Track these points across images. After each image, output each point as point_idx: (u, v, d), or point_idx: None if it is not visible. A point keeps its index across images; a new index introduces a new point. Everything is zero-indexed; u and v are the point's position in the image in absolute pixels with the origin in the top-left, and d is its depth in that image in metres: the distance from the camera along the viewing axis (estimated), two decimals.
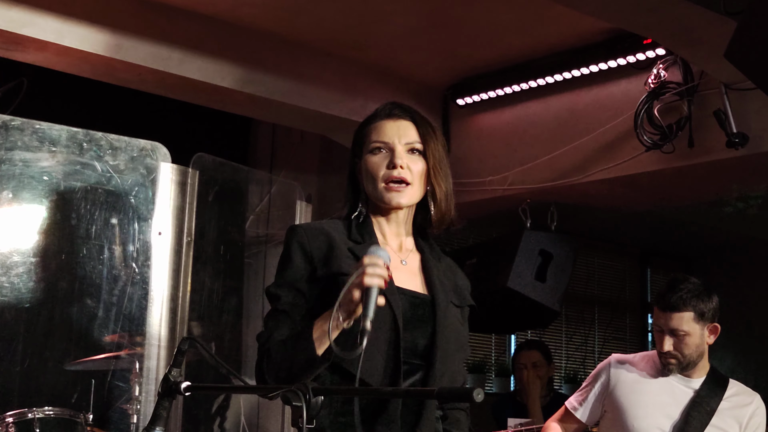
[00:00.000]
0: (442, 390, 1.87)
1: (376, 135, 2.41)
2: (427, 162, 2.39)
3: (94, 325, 4.39)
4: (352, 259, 2.29)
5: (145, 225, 4.47)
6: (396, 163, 2.35)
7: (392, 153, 2.37)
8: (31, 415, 3.94)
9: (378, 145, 2.39)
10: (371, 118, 2.46)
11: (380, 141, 2.39)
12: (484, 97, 5.88)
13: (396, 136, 2.39)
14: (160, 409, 2.03)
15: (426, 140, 2.40)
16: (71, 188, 4.38)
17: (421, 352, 2.30)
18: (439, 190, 2.40)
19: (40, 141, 4.30)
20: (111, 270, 4.41)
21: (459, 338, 2.40)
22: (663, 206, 6.20)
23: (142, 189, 4.48)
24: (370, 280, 2.12)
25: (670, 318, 3.35)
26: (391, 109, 2.45)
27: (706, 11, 4.09)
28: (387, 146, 2.39)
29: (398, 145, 2.38)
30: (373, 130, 2.43)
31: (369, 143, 2.41)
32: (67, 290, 4.38)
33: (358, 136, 2.47)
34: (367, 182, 2.40)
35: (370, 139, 2.41)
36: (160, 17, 4.97)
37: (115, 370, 4.42)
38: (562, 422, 3.65)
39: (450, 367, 2.34)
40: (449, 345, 2.33)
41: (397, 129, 2.40)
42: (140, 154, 4.49)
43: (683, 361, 3.40)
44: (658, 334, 3.41)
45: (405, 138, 2.39)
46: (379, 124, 2.43)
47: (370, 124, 2.45)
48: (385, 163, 2.37)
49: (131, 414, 4.25)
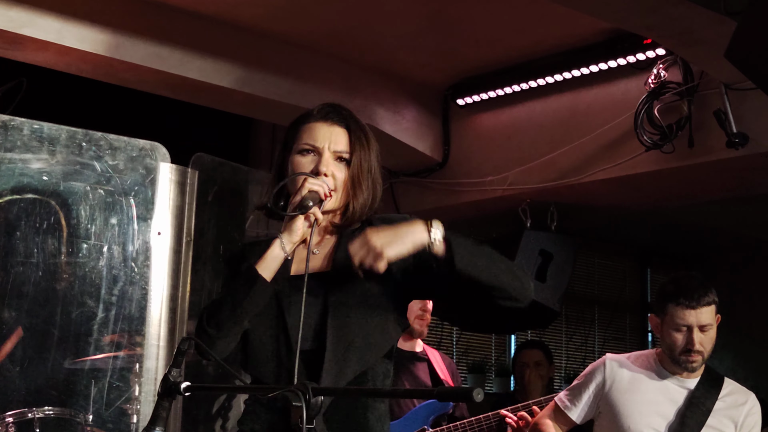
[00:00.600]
0: (442, 390, 1.87)
1: (308, 136, 2.38)
2: (350, 170, 2.37)
3: (93, 325, 4.38)
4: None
5: (144, 225, 4.46)
6: (320, 170, 2.34)
7: (319, 158, 2.35)
8: (31, 415, 3.95)
9: (307, 147, 2.37)
10: (306, 117, 2.43)
11: (310, 144, 2.37)
12: (484, 97, 5.88)
13: (327, 141, 2.37)
14: (159, 409, 2.03)
15: (354, 149, 2.37)
16: (71, 188, 4.37)
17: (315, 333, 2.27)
18: (355, 201, 2.37)
19: (39, 141, 4.29)
20: (110, 270, 4.41)
21: (362, 331, 2.28)
22: (663, 206, 6.20)
23: (142, 189, 4.47)
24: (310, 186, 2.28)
25: (700, 313, 3.31)
26: (328, 111, 2.42)
27: (706, 11, 4.08)
28: (316, 150, 2.36)
29: (327, 151, 2.36)
30: (306, 130, 2.40)
31: (300, 143, 2.38)
32: (67, 290, 4.37)
33: (290, 131, 2.44)
34: (291, 181, 2.37)
35: (301, 139, 2.39)
36: (160, 17, 4.96)
37: (115, 370, 4.41)
38: (554, 420, 3.61)
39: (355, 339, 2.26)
40: (339, 344, 2.25)
41: (329, 134, 2.38)
42: (140, 154, 4.49)
43: (706, 356, 3.38)
44: (677, 333, 3.34)
45: (335, 145, 2.37)
46: (313, 125, 2.40)
47: (304, 123, 2.41)
48: (311, 167, 2.35)
49: (131, 414, 4.24)
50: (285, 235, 2.30)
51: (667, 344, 3.38)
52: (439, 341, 7.29)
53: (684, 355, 3.36)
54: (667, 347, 3.39)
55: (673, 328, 3.36)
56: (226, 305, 2.28)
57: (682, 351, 3.35)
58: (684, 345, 3.34)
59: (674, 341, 3.35)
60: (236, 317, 2.27)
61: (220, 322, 2.26)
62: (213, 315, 2.28)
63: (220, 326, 2.26)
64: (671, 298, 3.35)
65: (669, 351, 3.39)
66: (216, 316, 2.27)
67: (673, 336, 3.36)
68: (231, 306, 2.27)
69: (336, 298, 2.29)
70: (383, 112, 5.83)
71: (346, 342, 2.26)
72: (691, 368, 3.39)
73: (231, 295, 2.29)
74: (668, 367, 3.45)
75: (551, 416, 3.63)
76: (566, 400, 3.58)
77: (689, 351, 3.34)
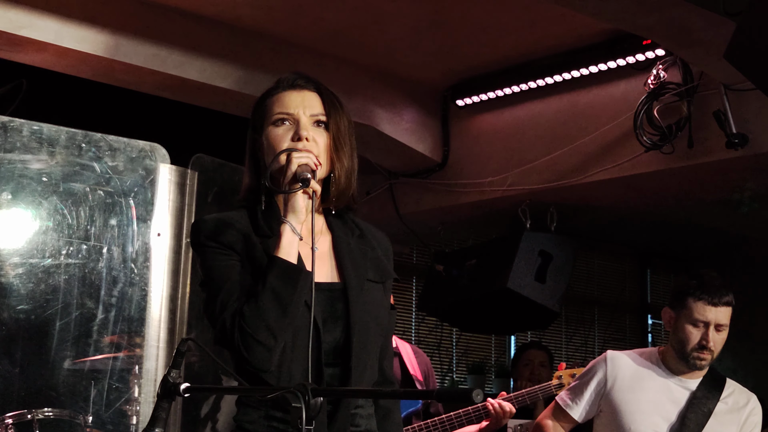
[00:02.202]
0: (441, 391, 1.86)
1: (279, 106, 2.25)
2: (330, 135, 2.25)
3: (93, 326, 4.38)
4: (265, 257, 2.17)
5: (144, 226, 4.46)
6: (301, 135, 2.21)
7: (297, 124, 2.23)
8: (31, 416, 3.94)
9: (281, 116, 2.24)
10: (272, 90, 2.30)
11: (284, 112, 2.24)
12: (484, 98, 5.88)
13: (300, 107, 2.24)
14: (159, 410, 2.03)
15: (329, 112, 2.26)
16: (70, 189, 4.37)
17: (339, 348, 2.18)
18: (339, 166, 2.25)
19: (39, 142, 4.29)
20: (110, 271, 4.40)
21: (379, 321, 2.25)
22: (663, 206, 6.20)
23: (141, 190, 4.47)
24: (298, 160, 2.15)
25: (719, 312, 3.30)
26: (295, 79, 2.29)
27: (706, 12, 4.09)
28: (291, 117, 2.24)
29: (303, 117, 2.23)
30: (275, 101, 2.27)
31: (271, 115, 2.25)
32: (67, 291, 4.37)
33: (258, 109, 2.31)
34: (269, 156, 2.23)
35: (272, 111, 2.26)
36: (160, 18, 4.97)
37: (114, 371, 4.41)
38: (556, 419, 3.60)
39: (370, 356, 2.23)
40: (368, 335, 2.21)
41: (301, 99, 2.26)
42: (139, 155, 4.48)
43: (714, 357, 3.37)
44: (693, 328, 3.32)
45: (310, 109, 2.25)
46: (282, 94, 2.27)
47: (272, 96, 2.29)
48: (289, 135, 2.22)
49: (130, 415, 4.24)
50: (291, 217, 2.14)
51: (680, 339, 3.36)
52: (439, 342, 7.29)
53: (696, 352, 3.33)
54: (679, 342, 3.37)
55: (690, 323, 3.33)
56: (273, 308, 2.08)
57: (695, 347, 3.33)
58: (698, 341, 3.32)
59: (688, 336, 3.33)
60: (290, 317, 2.10)
61: (273, 329, 2.08)
62: (259, 323, 2.07)
63: (275, 333, 2.09)
64: (693, 293, 3.33)
65: (680, 346, 3.37)
66: (265, 323, 2.07)
67: (688, 330, 3.33)
68: (280, 307, 2.09)
69: (357, 316, 2.19)
70: (383, 112, 5.83)
71: (366, 357, 2.22)
72: (699, 366, 3.37)
73: (274, 296, 2.09)
74: (671, 367, 3.43)
75: (553, 416, 3.61)
76: (567, 398, 3.56)
77: (702, 348, 3.32)
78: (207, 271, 2.20)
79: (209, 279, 2.19)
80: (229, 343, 2.10)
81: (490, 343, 7.70)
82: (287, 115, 2.25)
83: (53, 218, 4.35)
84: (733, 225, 7.07)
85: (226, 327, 2.10)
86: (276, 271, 2.11)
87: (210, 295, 2.17)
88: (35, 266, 4.30)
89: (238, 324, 2.09)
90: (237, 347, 2.09)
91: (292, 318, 2.11)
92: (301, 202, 2.16)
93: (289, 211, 2.16)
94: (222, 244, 2.19)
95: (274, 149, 2.23)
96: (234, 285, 2.15)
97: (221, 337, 2.12)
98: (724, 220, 6.81)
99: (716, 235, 7.57)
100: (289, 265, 2.12)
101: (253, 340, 2.07)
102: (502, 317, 6.05)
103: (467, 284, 5.82)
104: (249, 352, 2.08)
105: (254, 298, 2.10)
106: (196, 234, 2.22)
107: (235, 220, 2.23)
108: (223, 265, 2.17)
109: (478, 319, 6.21)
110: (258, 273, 2.15)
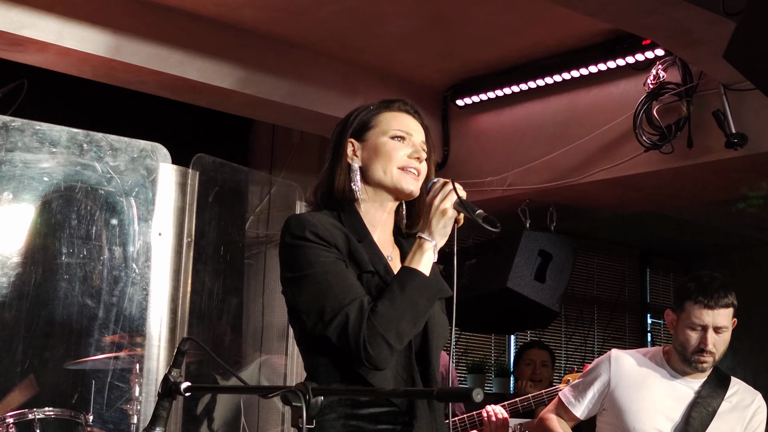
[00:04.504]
0: (441, 390, 1.87)
1: (399, 124, 2.39)
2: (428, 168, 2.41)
3: (94, 326, 4.39)
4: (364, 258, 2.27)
5: (145, 226, 4.47)
6: (421, 157, 2.37)
7: (414, 146, 2.38)
8: (32, 415, 3.95)
9: (401, 134, 2.38)
10: (387, 105, 2.44)
11: (404, 131, 2.38)
12: (484, 98, 5.89)
13: (416, 133, 2.40)
14: (160, 409, 2.04)
15: (428, 149, 2.42)
16: (71, 189, 4.38)
17: (418, 352, 2.31)
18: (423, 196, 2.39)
19: (40, 142, 4.30)
20: (111, 271, 4.41)
21: (444, 333, 2.40)
22: (663, 206, 6.21)
23: (143, 190, 4.48)
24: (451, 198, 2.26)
25: (717, 314, 3.31)
26: (411, 107, 2.46)
27: (705, 12, 4.09)
28: (410, 139, 2.38)
29: (418, 143, 2.39)
30: (393, 117, 2.41)
31: (388, 128, 2.38)
32: (68, 291, 4.38)
33: (366, 117, 2.43)
34: (377, 163, 2.36)
35: (390, 124, 2.39)
36: (161, 18, 4.97)
37: (115, 371, 4.42)
38: (559, 415, 3.61)
39: (437, 362, 2.36)
40: (439, 342, 2.36)
41: (417, 127, 2.42)
42: (140, 154, 4.49)
43: (717, 358, 3.37)
44: (691, 332, 3.33)
45: (421, 139, 2.41)
46: (400, 114, 2.42)
47: (387, 111, 2.43)
48: (405, 151, 2.36)
49: (131, 414, 4.25)
50: (440, 238, 2.27)
51: (680, 342, 3.37)
52: None
53: (696, 355, 3.34)
54: (680, 345, 3.38)
55: (688, 326, 3.34)
56: (407, 315, 2.19)
57: (695, 350, 3.34)
58: (697, 344, 3.33)
59: (688, 339, 3.34)
60: (417, 327, 2.24)
61: (402, 333, 2.18)
62: (391, 325, 2.16)
63: (403, 337, 2.19)
64: (690, 296, 3.34)
65: (681, 349, 3.38)
66: (396, 326, 2.17)
67: (687, 334, 3.34)
68: (413, 317, 2.20)
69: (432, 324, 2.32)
70: None
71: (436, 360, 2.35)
72: (701, 368, 3.38)
73: (411, 304, 2.19)
74: (676, 367, 3.43)
75: (555, 411, 3.63)
76: (570, 396, 3.57)
77: (701, 351, 3.33)
78: (307, 265, 2.23)
79: (312, 273, 2.22)
80: (348, 336, 2.15)
81: (490, 343, 7.71)
82: (407, 134, 2.39)
83: (54, 218, 4.36)
84: (732, 225, 7.08)
85: (349, 319, 2.16)
86: (418, 283, 2.22)
87: (315, 288, 2.21)
88: (37, 266, 4.31)
89: (368, 320, 2.16)
90: (360, 341, 2.14)
91: (419, 329, 2.24)
92: (449, 227, 2.28)
93: (437, 233, 2.27)
94: (327, 241, 2.24)
95: (387, 157, 2.35)
96: (351, 280, 2.22)
97: (340, 329, 2.16)
98: (724, 220, 6.82)
99: (716, 235, 7.59)
100: (431, 283, 2.25)
101: (382, 339, 2.15)
102: (501, 317, 6.05)
103: (467, 284, 5.82)
104: (374, 349, 2.15)
105: (388, 300, 2.19)
106: (300, 228, 2.26)
107: (330, 221, 2.31)
108: (329, 261, 2.23)
109: (477, 319, 6.21)
110: (362, 275, 2.25)
